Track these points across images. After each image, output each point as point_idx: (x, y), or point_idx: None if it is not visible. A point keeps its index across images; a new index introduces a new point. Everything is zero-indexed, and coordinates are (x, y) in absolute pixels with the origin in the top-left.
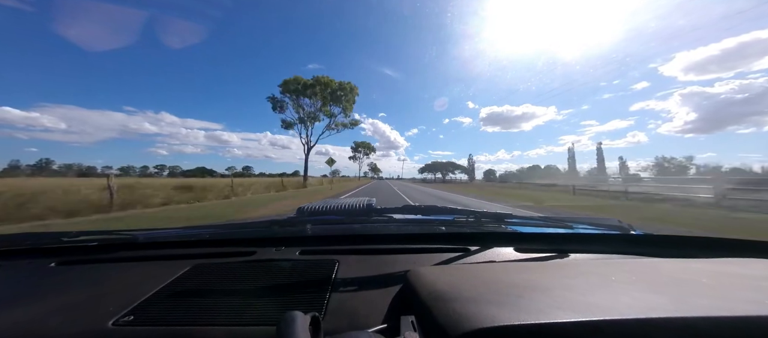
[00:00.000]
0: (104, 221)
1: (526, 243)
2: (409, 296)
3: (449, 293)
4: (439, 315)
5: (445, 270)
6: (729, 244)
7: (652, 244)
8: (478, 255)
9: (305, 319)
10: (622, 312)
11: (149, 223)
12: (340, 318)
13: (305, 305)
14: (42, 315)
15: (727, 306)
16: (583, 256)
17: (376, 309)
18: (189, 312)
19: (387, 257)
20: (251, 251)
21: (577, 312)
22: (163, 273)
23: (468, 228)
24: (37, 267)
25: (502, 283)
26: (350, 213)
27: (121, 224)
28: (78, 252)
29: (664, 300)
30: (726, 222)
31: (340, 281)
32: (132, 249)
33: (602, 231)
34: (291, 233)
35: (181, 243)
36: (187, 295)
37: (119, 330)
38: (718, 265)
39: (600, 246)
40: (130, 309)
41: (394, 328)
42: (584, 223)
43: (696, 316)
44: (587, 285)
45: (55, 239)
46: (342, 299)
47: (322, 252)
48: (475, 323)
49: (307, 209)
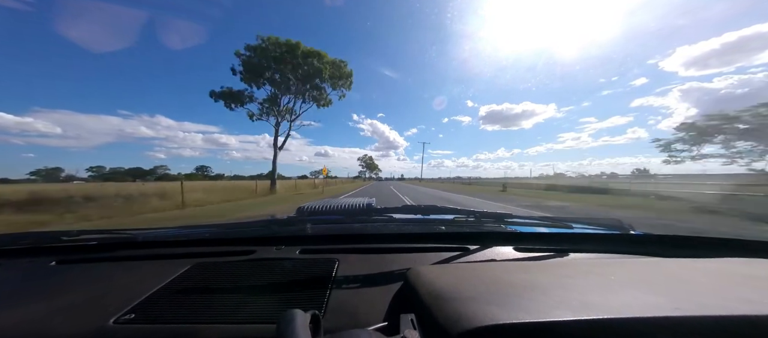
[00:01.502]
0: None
1: (526, 242)
2: (409, 295)
3: (449, 292)
4: (438, 314)
5: (444, 269)
6: (729, 244)
7: (652, 244)
8: (478, 255)
9: (305, 317)
10: (621, 311)
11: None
12: (340, 316)
13: (305, 303)
14: (43, 314)
15: (727, 305)
16: (583, 256)
17: (376, 307)
18: (190, 311)
19: (387, 256)
20: (251, 250)
21: (577, 312)
22: (163, 271)
23: (468, 228)
24: (38, 267)
25: (502, 282)
26: (350, 213)
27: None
28: (78, 251)
29: (664, 299)
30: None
31: (340, 280)
32: (132, 248)
33: (602, 231)
34: (291, 232)
35: (182, 243)
36: (187, 294)
37: (120, 328)
38: (718, 265)
39: (600, 245)
40: (130, 308)
41: (394, 326)
42: (584, 223)
43: (696, 316)
44: (587, 285)
45: (55, 238)
46: (342, 297)
47: (322, 251)
48: (475, 322)
49: (307, 209)
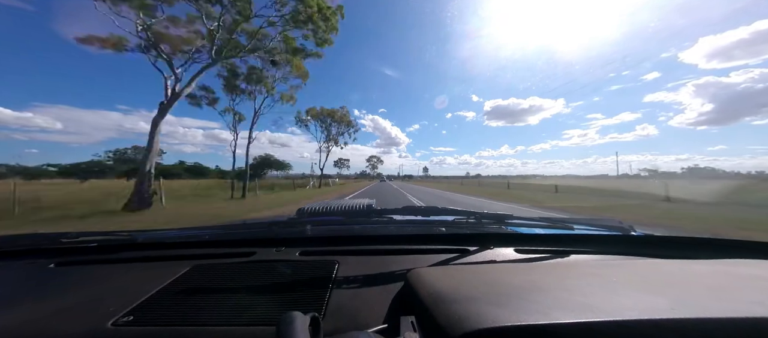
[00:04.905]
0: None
1: (527, 243)
2: (410, 296)
3: (449, 293)
4: (439, 316)
5: (445, 271)
6: (729, 245)
7: (653, 245)
8: (478, 256)
9: (305, 319)
10: (622, 312)
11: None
12: (340, 318)
13: (305, 305)
14: (41, 316)
15: (727, 307)
16: (584, 257)
17: (376, 309)
18: (189, 313)
19: (387, 258)
20: (251, 252)
21: (578, 313)
22: (162, 273)
23: (468, 229)
24: (37, 268)
25: (503, 284)
26: (350, 214)
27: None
28: (77, 253)
29: (664, 301)
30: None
31: (340, 281)
32: (131, 249)
33: (602, 232)
34: (291, 234)
35: (181, 244)
36: (186, 296)
37: (119, 330)
38: (718, 266)
39: (600, 246)
40: (129, 310)
41: (394, 328)
42: (585, 224)
43: (696, 317)
44: (587, 286)
45: (55, 240)
46: (342, 299)
47: (322, 252)
48: (476, 323)
49: (307, 210)
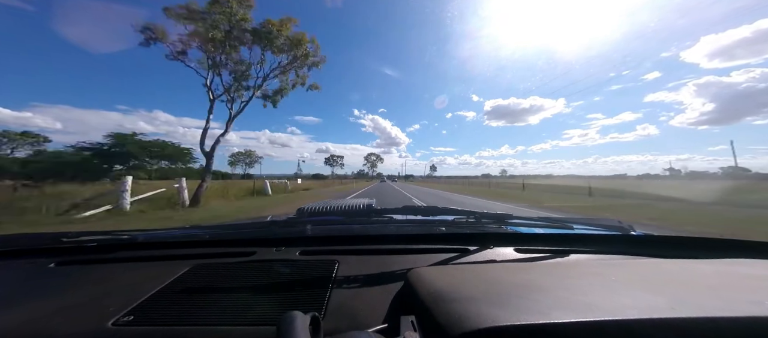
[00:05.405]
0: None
1: (527, 243)
2: (410, 296)
3: (449, 293)
4: (439, 315)
5: (445, 271)
6: (729, 245)
7: (653, 245)
8: (478, 255)
9: (305, 319)
10: (622, 312)
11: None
12: (341, 318)
13: (305, 305)
14: (41, 316)
15: (727, 306)
16: (584, 257)
17: (377, 309)
18: (189, 312)
19: (387, 257)
20: (251, 251)
21: (578, 313)
22: (162, 273)
23: (468, 229)
24: (37, 268)
25: (503, 283)
26: (350, 214)
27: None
28: (77, 253)
29: (664, 300)
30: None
31: (340, 281)
32: (131, 249)
33: (602, 232)
34: (291, 233)
35: (181, 244)
36: (187, 295)
37: (119, 330)
38: (718, 266)
39: (600, 246)
40: (129, 310)
41: (395, 328)
42: (584, 224)
43: (696, 317)
44: (587, 286)
45: (55, 239)
46: (342, 299)
47: (322, 252)
48: (476, 323)
49: (307, 210)
